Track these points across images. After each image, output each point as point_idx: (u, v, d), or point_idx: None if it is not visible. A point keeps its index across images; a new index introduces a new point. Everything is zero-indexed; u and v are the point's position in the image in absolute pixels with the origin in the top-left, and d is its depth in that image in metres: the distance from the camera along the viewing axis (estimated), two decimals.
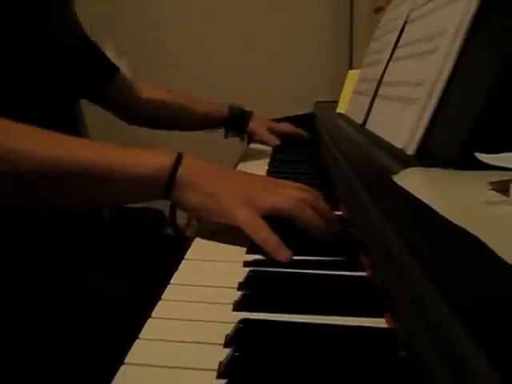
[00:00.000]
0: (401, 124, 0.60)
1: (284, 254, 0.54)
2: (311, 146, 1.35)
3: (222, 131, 1.31)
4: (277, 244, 0.54)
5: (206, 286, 0.50)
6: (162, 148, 0.60)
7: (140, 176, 0.57)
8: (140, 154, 0.58)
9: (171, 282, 0.51)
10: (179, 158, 0.58)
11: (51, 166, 0.55)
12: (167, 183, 0.57)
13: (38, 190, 0.58)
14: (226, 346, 0.39)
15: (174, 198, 0.58)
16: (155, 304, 0.46)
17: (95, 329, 0.66)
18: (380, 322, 0.42)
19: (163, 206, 1.26)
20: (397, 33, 0.80)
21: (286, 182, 0.65)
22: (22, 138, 0.56)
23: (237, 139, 1.34)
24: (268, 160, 1.15)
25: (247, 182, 0.59)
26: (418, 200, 0.38)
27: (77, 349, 0.64)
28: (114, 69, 1.10)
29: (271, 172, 1.02)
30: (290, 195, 0.58)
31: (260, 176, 0.66)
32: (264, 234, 0.55)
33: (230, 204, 0.56)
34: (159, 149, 0.59)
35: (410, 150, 0.55)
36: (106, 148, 0.58)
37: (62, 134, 0.58)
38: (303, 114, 1.53)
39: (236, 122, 1.29)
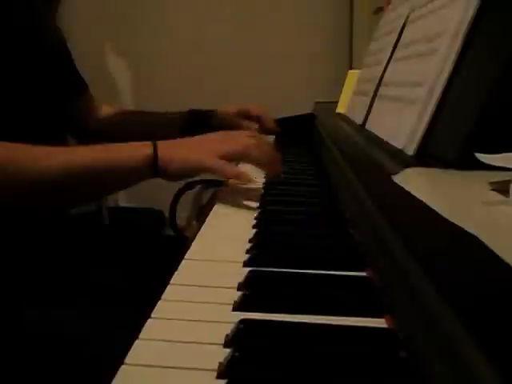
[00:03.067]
0: (401, 124, 0.60)
1: (243, 176, 0.73)
2: (311, 147, 1.35)
3: None
4: (237, 171, 0.73)
5: (205, 286, 0.50)
6: None
7: (136, 164, 0.72)
8: (131, 148, 0.74)
9: (171, 282, 0.51)
10: (155, 144, 0.73)
11: (72, 171, 0.70)
12: (153, 164, 0.72)
13: (61, 192, 0.72)
14: (225, 346, 0.39)
15: (160, 174, 0.73)
16: (155, 304, 0.46)
17: (95, 328, 0.66)
18: (380, 322, 0.42)
19: (163, 206, 1.26)
20: (397, 33, 0.80)
21: (238, 132, 0.86)
22: (46, 156, 0.69)
23: None
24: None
25: (208, 141, 0.77)
26: (418, 200, 0.38)
27: (77, 349, 0.64)
28: (84, 85, 1.13)
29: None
30: (241, 142, 0.77)
31: (217, 133, 0.83)
32: (227, 168, 0.72)
33: (198, 159, 0.72)
34: (140, 142, 0.74)
35: (410, 150, 0.55)
36: (107, 149, 0.74)
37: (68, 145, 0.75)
38: (303, 114, 1.53)
39: (198, 121, 1.18)
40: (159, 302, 0.46)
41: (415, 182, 0.45)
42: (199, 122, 1.17)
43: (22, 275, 0.75)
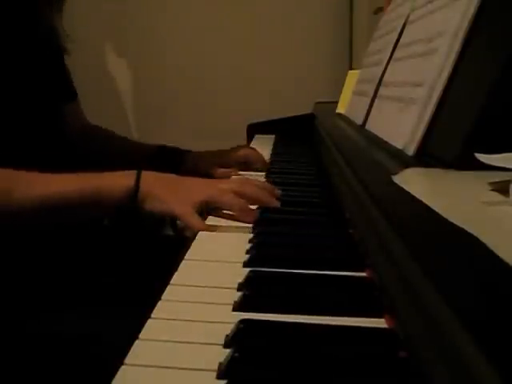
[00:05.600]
0: (401, 124, 0.60)
1: (207, 229, 0.67)
2: (311, 147, 1.35)
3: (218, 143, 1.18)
4: (201, 226, 0.68)
5: (205, 287, 0.50)
6: None
7: (116, 196, 0.72)
8: (114, 178, 0.74)
9: (171, 282, 0.51)
10: (139, 177, 0.73)
11: (53, 200, 0.71)
12: (133, 197, 0.72)
13: (40, 219, 0.74)
14: (225, 346, 0.39)
15: (139, 206, 0.72)
16: (155, 304, 0.46)
17: (95, 328, 0.66)
18: (380, 322, 0.42)
19: None
20: (397, 33, 0.80)
21: (221, 180, 0.83)
22: (25, 185, 0.71)
23: (235, 142, 1.30)
24: (267, 161, 1.14)
25: (189, 185, 0.76)
26: (418, 200, 0.38)
27: (77, 348, 0.64)
28: (74, 94, 1.11)
29: (271, 172, 1.02)
30: (219, 187, 0.74)
31: (201, 179, 0.83)
32: (193, 221, 0.69)
33: (170, 207, 0.71)
34: (124, 171, 0.75)
35: (410, 151, 0.55)
36: (88, 179, 0.74)
37: (53, 173, 0.73)
38: (303, 115, 1.53)
39: (165, 162, 1.07)
40: (159, 302, 0.46)
41: (415, 182, 0.45)
42: (169, 161, 1.08)
43: (22, 275, 0.75)
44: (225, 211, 0.72)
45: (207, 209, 0.72)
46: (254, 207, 0.73)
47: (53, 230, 0.79)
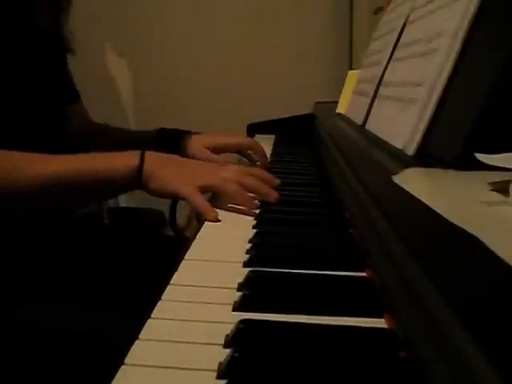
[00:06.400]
0: (401, 124, 0.60)
1: (212, 214, 0.68)
2: (311, 147, 1.35)
3: None
4: (207, 207, 0.69)
5: (205, 287, 0.50)
6: None
7: (121, 174, 0.73)
8: (118, 158, 0.74)
9: (171, 282, 0.51)
10: (143, 157, 0.73)
11: (54, 180, 0.71)
12: (138, 176, 0.73)
13: (44, 201, 0.74)
14: (225, 346, 0.39)
15: (142, 186, 0.73)
16: (155, 304, 0.46)
17: (95, 328, 0.66)
18: (380, 322, 0.42)
19: (163, 206, 1.26)
20: (397, 33, 0.80)
21: (226, 166, 0.81)
22: (29, 165, 0.71)
23: None
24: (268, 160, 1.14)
25: (192, 168, 0.77)
26: (418, 200, 0.38)
27: (77, 349, 0.64)
28: (77, 94, 1.11)
29: (271, 172, 1.02)
30: (221, 175, 0.74)
31: (205, 163, 0.83)
32: (198, 200, 0.70)
33: (175, 188, 0.72)
34: (128, 152, 0.75)
35: (410, 151, 0.55)
36: (92, 158, 0.75)
37: (54, 153, 0.73)
38: (303, 115, 1.53)
39: (165, 143, 1.05)
40: (159, 302, 0.46)
41: (415, 182, 0.45)
42: (167, 145, 1.03)
43: (22, 275, 0.75)
44: (230, 205, 0.72)
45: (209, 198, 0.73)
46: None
47: (54, 228, 0.79)
